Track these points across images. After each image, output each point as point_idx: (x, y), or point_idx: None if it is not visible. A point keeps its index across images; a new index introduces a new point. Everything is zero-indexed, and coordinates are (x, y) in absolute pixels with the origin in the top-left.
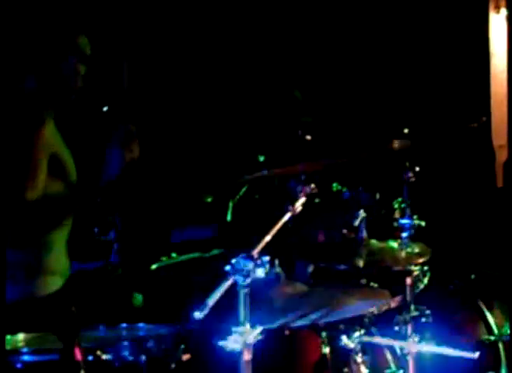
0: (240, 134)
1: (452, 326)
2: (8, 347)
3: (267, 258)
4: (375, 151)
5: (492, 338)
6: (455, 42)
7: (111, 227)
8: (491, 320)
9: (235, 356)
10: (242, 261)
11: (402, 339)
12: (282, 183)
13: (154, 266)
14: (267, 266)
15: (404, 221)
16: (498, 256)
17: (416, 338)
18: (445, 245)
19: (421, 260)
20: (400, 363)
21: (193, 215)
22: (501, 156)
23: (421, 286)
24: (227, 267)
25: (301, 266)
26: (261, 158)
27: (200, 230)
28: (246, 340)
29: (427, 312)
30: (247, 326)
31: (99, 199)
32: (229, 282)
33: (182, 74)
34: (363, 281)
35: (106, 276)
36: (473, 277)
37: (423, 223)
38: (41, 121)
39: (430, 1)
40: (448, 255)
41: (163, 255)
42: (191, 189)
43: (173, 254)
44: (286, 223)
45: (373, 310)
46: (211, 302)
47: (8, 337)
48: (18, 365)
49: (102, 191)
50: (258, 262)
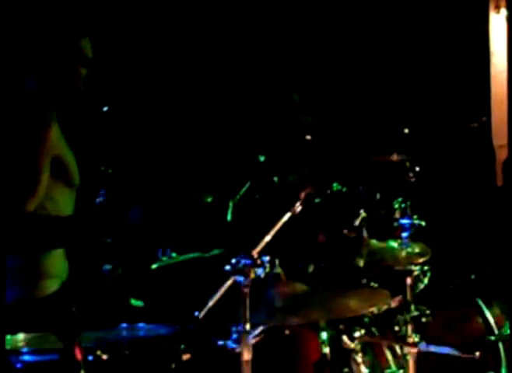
0: (240, 134)
1: (452, 326)
2: (8, 347)
3: (267, 258)
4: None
5: (492, 338)
6: (455, 42)
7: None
8: (491, 320)
9: (235, 356)
10: (242, 261)
11: (402, 339)
12: (282, 183)
13: (154, 266)
14: (267, 266)
15: (404, 221)
16: (498, 256)
17: (416, 338)
18: (445, 245)
19: (421, 260)
20: (400, 363)
21: (193, 215)
22: (501, 156)
23: (421, 286)
24: (227, 267)
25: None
26: (262, 158)
27: None
28: (246, 340)
29: (427, 312)
30: (247, 326)
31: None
32: (229, 282)
33: (182, 74)
34: (363, 281)
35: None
36: (473, 277)
37: (423, 223)
38: (47, 123)
39: (430, 1)
40: (448, 255)
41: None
42: (191, 189)
43: (173, 254)
44: (286, 223)
45: (373, 310)
46: (211, 302)
47: (8, 337)
48: (18, 365)
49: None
50: (258, 262)
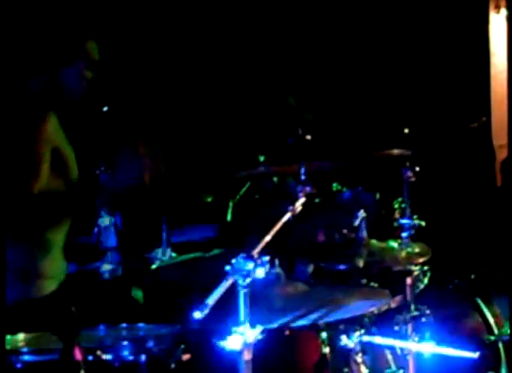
0: (240, 134)
1: (452, 326)
2: (8, 347)
3: (267, 258)
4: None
5: (492, 338)
6: (455, 42)
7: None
8: (491, 320)
9: (235, 356)
10: (242, 261)
11: (402, 339)
12: (282, 183)
13: (154, 266)
14: (267, 266)
15: (404, 221)
16: (498, 256)
17: (416, 338)
18: (445, 245)
19: (421, 260)
20: (400, 363)
21: (193, 215)
22: (501, 156)
23: (421, 286)
24: (227, 267)
25: (301, 266)
26: (261, 157)
27: (200, 230)
28: (246, 340)
29: (427, 312)
30: (247, 326)
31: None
32: (229, 282)
33: (181, 74)
34: (363, 281)
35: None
36: (473, 277)
37: (423, 223)
38: (44, 116)
39: (430, 1)
40: (448, 255)
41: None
42: (191, 189)
43: (173, 254)
44: (286, 223)
45: (373, 310)
46: (211, 302)
47: (8, 337)
48: (18, 365)
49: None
50: (258, 262)
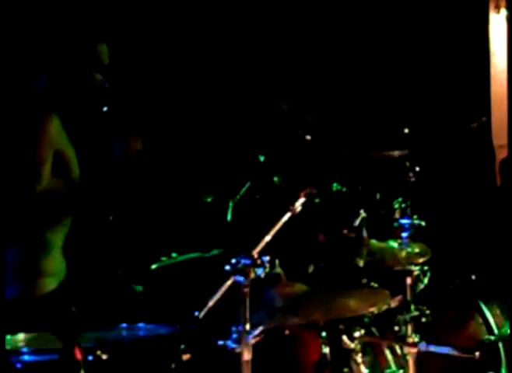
0: (240, 134)
1: (452, 326)
2: (8, 347)
3: (267, 258)
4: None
5: (492, 338)
6: (455, 42)
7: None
8: (491, 320)
9: (235, 356)
10: (242, 261)
11: (402, 339)
12: (282, 183)
13: (154, 266)
14: (267, 266)
15: (404, 221)
16: (498, 256)
17: (416, 338)
18: (445, 245)
19: (421, 260)
20: (400, 363)
21: (193, 215)
22: (501, 156)
23: (421, 286)
24: (227, 267)
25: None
26: (262, 158)
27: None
28: (246, 340)
29: (427, 312)
30: (247, 326)
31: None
32: (229, 282)
33: (181, 74)
34: (363, 281)
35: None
36: (473, 277)
37: (423, 223)
38: (46, 118)
39: (430, 1)
40: (448, 255)
41: (163, 255)
42: (191, 189)
43: (173, 254)
44: (286, 223)
45: (373, 310)
46: (211, 302)
47: (8, 337)
48: (18, 365)
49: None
50: (258, 262)
